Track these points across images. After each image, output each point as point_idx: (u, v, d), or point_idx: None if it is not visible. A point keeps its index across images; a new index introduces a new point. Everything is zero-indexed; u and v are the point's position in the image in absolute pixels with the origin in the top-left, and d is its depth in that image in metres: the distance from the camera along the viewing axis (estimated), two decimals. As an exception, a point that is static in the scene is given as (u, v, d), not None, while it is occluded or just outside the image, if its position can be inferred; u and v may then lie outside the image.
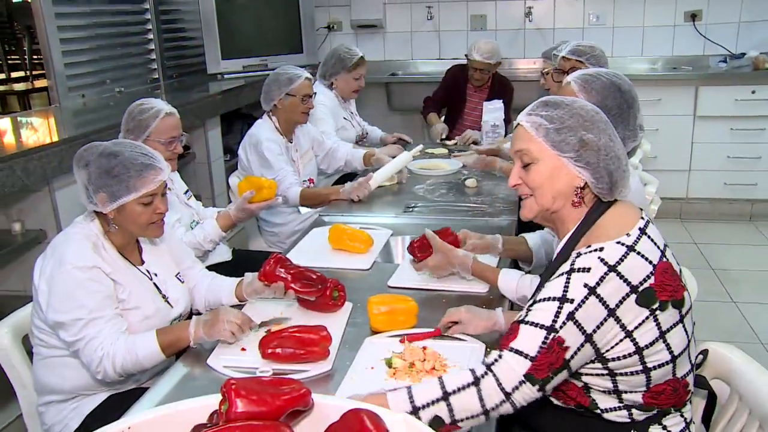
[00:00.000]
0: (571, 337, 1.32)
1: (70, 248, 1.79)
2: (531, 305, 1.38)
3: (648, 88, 4.93)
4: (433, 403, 1.32)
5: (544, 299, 1.36)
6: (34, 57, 7.57)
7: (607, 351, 1.36)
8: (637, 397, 1.43)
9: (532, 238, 2.23)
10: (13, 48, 8.47)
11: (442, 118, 4.48)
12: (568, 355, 1.32)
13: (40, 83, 6.73)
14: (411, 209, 2.88)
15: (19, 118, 3.84)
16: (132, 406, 1.56)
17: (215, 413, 1.08)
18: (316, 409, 1.12)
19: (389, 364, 1.63)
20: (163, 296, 1.97)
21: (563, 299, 1.33)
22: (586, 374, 1.41)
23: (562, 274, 1.37)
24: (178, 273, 2.09)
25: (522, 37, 5.61)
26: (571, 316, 1.31)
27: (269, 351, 1.66)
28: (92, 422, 1.83)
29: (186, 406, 1.10)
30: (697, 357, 1.56)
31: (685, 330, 1.43)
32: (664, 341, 1.38)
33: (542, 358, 1.30)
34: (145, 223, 1.86)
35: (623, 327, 1.34)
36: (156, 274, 1.99)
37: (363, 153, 3.54)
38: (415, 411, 1.31)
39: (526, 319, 1.35)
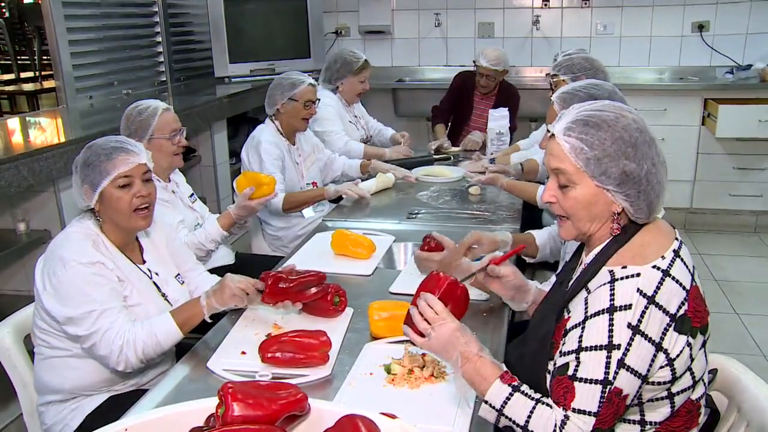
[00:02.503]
0: (627, 385, 1.28)
1: (70, 247, 1.81)
2: (578, 352, 1.32)
3: (654, 98, 4.94)
4: (513, 422, 1.33)
5: (591, 348, 1.30)
6: (44, 58, 7.62)
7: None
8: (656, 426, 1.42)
9: (540, 236, 2.30)
10: (23, 48, 8.52)
11: (449, 126, 4.49)
12: (629, 401, 1.30)
13: (48, 84, 6.77)
14: (414, 216, 2.88)
15: (27, 118, 3.87)
16: (131, 408, 1.56)
17: (212, 416, 1.09)
18: (312, 414, 1.12)
19: (388, 370, 1.63)
20: (163, 295, 1.99)
21: (610, 346, 1.28)
22: None
23: (603, 312, 1.31)
24: (178, 274, 2.10)
25: (529, 46, 5.62)
26: (621, 364, 1.27)
27: (269, 355, 1.67)
28: (92, 423, 1.84)
29: (183, 409, 1.11)
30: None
31: (705, 354, 1.42)
32: (689, 368, 1.37)
33: (605, 411, 1.27)
34: (127, 210, 1.87)
35: (667, 356, 1.32)
36: (157, 274, 2.01)
37: (359, 162, 3.56)
38: (500, 411, 1.35)
39: (578, 375, 1.29)
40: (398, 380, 1.60)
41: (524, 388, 1.36)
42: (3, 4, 8.78)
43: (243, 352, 1.76)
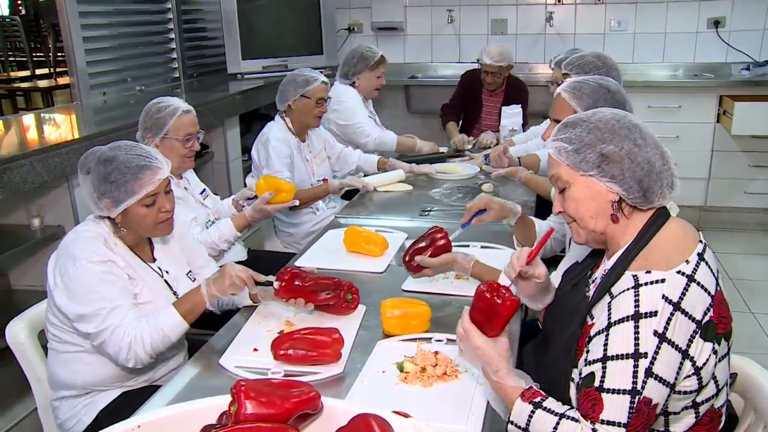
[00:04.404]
0: (656, 394, 1.26)
1: (82, 245, 1.82)
2: (604, 361, 1.30)
3: (668, 95, 4.90)
4: None
5: (616, 357, 1.28)
6: (58, 54, 7.66)
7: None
8: None
9: (539, 225, 2.28)
10: (39, 45, 8.58)
11: (459, 124, 4.48)
12: (659, 410, 1.28)
13: (63, 80, 6.81)
14: (427, 213, 2.88)
15: (41, 115, 3.89)
16: (143, 404, 1.57)
17: (225, 414, 1.09)
18: (325, 413, 1.12)
19: (401, 368, 1.63)
20: (174, 293, 1.99)
21: (636, 355, 1.26)
22: None
23: (628, 318, 1.29)
24: (190, 272, 2.10)
25: (542, 42, 5.58)
26: (649, 373, 1.25)
27: (281, 352, 1.67)
28: (104, 418, 1.85)
29: (195, 407, 1.11)
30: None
31: (729, 361, 1.40)
32: (713, 375, 1.35)
33: (635, 421, 1.25)
34: (152, 224, 1.88)
35: (694, 364, 1.30)
36: (167, 272, 2.01)
37: (377, 158, 3.58)
38: (525, 430, 1.34)
39: (605, 386, 1.27)
40: (411, 378, 1.59)
41: (547, 403, 1.33)
42: (20, 2, 8.85)
43: (255, 349, 1.76)
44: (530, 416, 1.32)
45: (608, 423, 1.25)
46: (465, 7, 5.65)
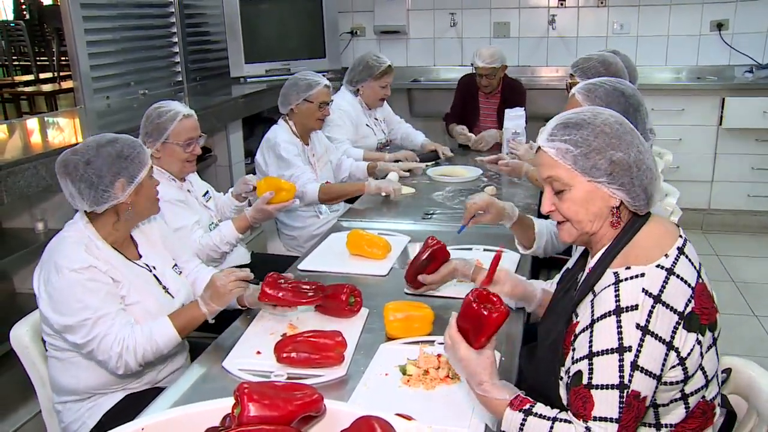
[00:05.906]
0: (644, 387, 1.27)
1: (63, 253, 1.81)
2: (590, 357, 1.30)
3: (671, 98, 4.90)
4: None
5: (602, 352, 1.29)
6: (62, 59, 7.69)
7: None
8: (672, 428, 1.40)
9: (538, 225, 2.25)
10: (43, 49, 8.61)
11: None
12: (648, 403, 1.29)
13: (67, 84, 6.83)
14: (429, 216, 2.88)
15: (45, 119, 3.91)
16: (147, 407, 1.57)
17: (228, 416, 1.09)
18: (328, 415, 1.12)
19: (403, 371, 1.63)
20: (164, 287, 2.00)
21: (621, 349, 1.27)
22: None
23: (610, 314, 1.30)
24: (175, 265, 2.11)
25: (545, 45, 5.58)
26: (635, 366, 1.26)
27: (284, 355, 1.67)
28: (108, 422, 1.86)
29: (199, 409, 1.11)
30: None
31: (716, 353, 1.41)
32: (701, 366, 1.35)
33: (626, 416, 1.26)
34: (155, 196, 1.95)
35: (678, 354, 1.31)
36: (155, 267, 2.02)
37: (367, 164, 3.55)
38: None
39: (593, 383, 1.28)
40: (413, 381, 1.60)
41: (537, 408, 1.33)
42: (24, 7, 8.89)
43: (258, 352, 1.76)
44: (522, 424, 1.32)
45: (601, 419, 1.26)
46: (467, 11, 5.66)
